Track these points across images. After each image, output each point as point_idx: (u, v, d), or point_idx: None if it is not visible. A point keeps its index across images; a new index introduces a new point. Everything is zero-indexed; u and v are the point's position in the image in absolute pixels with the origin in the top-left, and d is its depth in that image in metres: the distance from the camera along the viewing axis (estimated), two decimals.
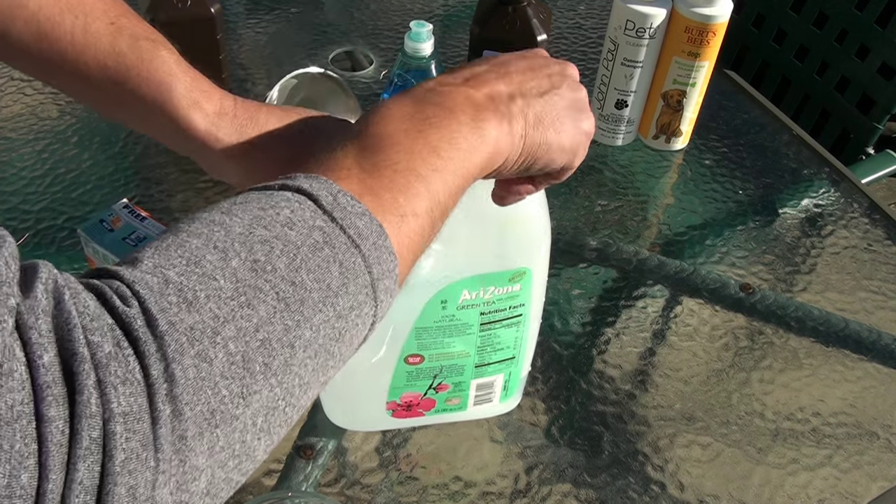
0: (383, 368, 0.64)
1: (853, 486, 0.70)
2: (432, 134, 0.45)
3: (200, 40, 0.87)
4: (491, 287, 0.61)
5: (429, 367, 0.65)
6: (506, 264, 0.61)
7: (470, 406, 0.70)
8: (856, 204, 0.97)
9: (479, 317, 0.63)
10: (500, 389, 0.70)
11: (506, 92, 0.50)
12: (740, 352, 0.80)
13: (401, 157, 0.44)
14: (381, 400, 0.67)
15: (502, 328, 0.64)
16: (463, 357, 0.65)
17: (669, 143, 1.00)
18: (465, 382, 0.67)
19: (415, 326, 0.62)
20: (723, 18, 0.89)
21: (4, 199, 0.87)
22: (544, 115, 0.51)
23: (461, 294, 0.60)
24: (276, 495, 0.59)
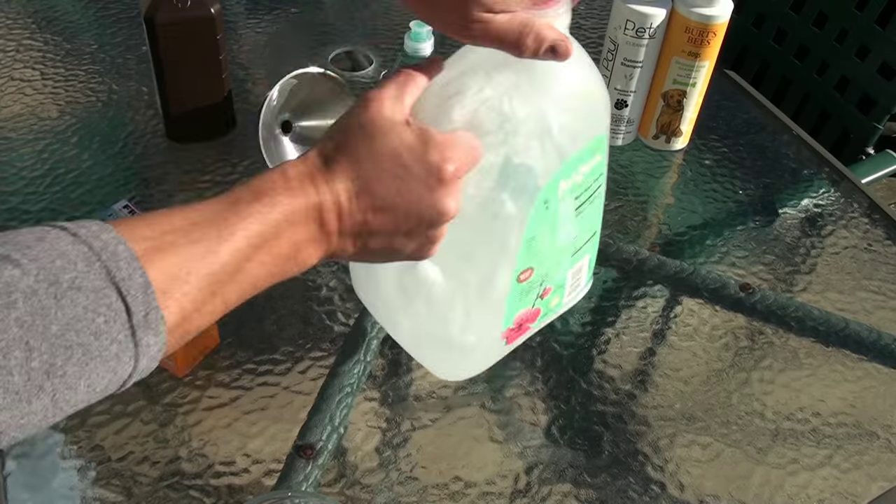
0: (497, 299, 0.62)
1: (853, 486, 0.70)
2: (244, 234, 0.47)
3: (200, 40, 0.87)
4: (581, 167, 0.59)
5: (537, 277, 0.62)
6: (587, 137, 0.59)
7: (565, 299, 0.68)
8: (856, 204, 0.97)
9: (573, 202, 0.60)
10: (587, 270, 0.68)
11: (360, 248, 0.52)
12: (740, 352, 0.80)
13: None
14: (498, 332, 0.65)
15: (589, 205, 0.62)
16: (563, 252, 0.63)
17: (669, 143, 1.00)
18: (563, 277, 0.65)
19: (524, 239, 0.59)
20: (723, 18, 0.89)
21: (4, 199, 0.87)
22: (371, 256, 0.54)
23: (559, 187, 0.58)
24: (276, 495, 0.59)
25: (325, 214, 0.50)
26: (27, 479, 0.65)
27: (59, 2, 1.16)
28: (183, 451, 0.68)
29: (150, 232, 0.44)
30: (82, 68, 1.05)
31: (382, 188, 0.50)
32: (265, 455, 0.68)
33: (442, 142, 0.51)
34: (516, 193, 0.57)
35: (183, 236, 0.45)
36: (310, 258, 0.51)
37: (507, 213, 0.57)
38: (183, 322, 0.45)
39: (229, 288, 0.47)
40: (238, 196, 0.48)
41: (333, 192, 0.50)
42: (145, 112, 0.99)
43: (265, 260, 0.48)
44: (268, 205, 0.48)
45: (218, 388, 0.72)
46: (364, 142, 0.50)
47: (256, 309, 0.78)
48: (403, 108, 0.52)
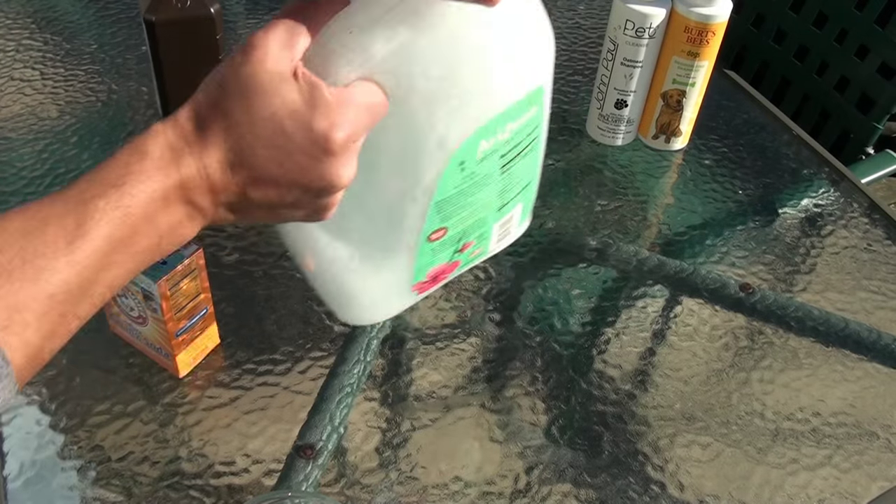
0: (404, 256, 0.56)
1: (853, 486, 0.70)
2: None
3: (200, 40, 0.87)
4: (508, 124, 0.51)
5: (453, 235, 0.57)
6: (520, 91, 0.50)
7: (491, 247, 0.62)
8: (856, 204, 0.97)
9: (499, 161, 0.53)
10: (518, 217, 0.62)
11: (240, 214, 0.46)
12: (740, 352, 0.80)
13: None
14: (406, 286, 0.60)
15: (520, 160, 0.55)
16: (485, 209, 0.56)
17: (669, 143, 1.00)
18: (487, 230, 0.59)
19: (433, 202, 0.52)
20: (722, 18, 0.89)
21: (4, 199, 0.87)
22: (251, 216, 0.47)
23: (479, 147, 0.50)
24: (276, 495, 0.59)
25: (192, 193, 0.43)
26: (27, 479, 0.65)
27: (59, 2, 1.16)
28: (183, 451, 0.68)
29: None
30: (82, 68, 1.05)
31: (261, 159, 0.44)
32: (265, 455, 0.68)
33: (332, 103, 0.43)
34: (423, 154, 0.49)
35: (17, 254, 0.39)
36: (181, 238, 0.45)
37: (411, 174, 0.50)
38: (32, 355, 0.40)
39: (81, 304, 0.41)
40: (83, 189, 0.41)
41: (202, 164, 0.43)
42: (145, 112, 0.99)
43: (121, 261, 0.42)
44: (114, 199, 0.41)
45: (218, 388, 0.72)
46: (241, 102, 0.43)
47: (256, 309, 0.78)
48: (293, 55, 0.44)
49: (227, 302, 0.78)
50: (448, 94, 0.47)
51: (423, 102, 0.47)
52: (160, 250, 0.44)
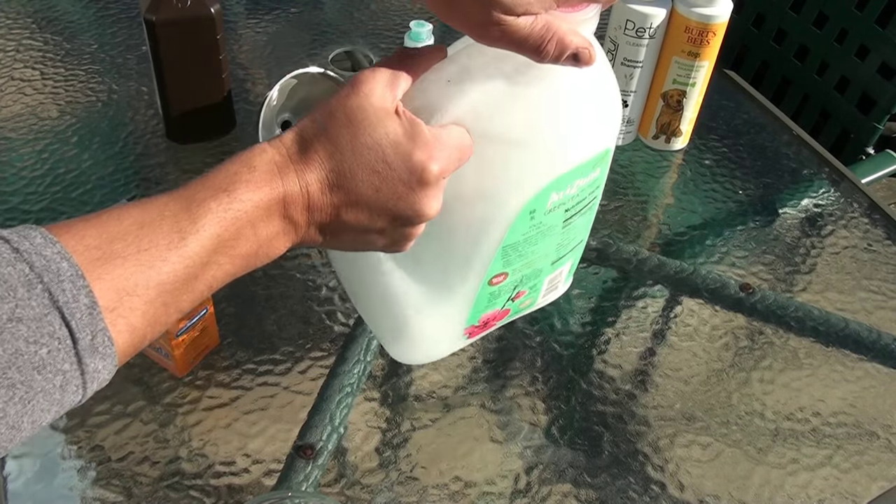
0: (464, 297, 0.59)
1: (853, 486, 0.70)
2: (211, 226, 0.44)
3: (200, 40, 0.87)
4: (578, 180, 0.55)
5: (511, 281, 0.60)
6: (590, 151, 0.54)
7: (539, 301, 0.66)
8: (856, 204, 0.97)
9: (563, 215, 0.57)
10: (566, 274, 0.66)
11: (332, 236, 0.49)
12: (740, 352, 0.80)
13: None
14: (459, 329, 0.62)
15: (579, 217, 0.59)
16: (543, 260, 0.60)
17: (669, 143, 1.00)
18: (540, 282, 0.63)
19: (502, 246, 0.55)
20: (723, 18, 0.89)
21: (4, 199, 0.87)
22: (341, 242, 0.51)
23: (549, 198, 0.54)
24: (276, 495, 0.59)
25: (292, 206, 0.47)
26: (27, 479, 0.65)
27: (59, 2, 1.16)
28: (183, 451, 0.68)
29: (97, 239, 0.41)
30: (82, 68, 1.05)
31: (360, 183, 0.47)
32: (265, 455, 0.68)
33: (430, 140, 0.48)
34: (500, 199, 0.54)
35: (132, 243, 0.42)
36: (274, 251, 0.48)
37: (486, 218, 0.55)
38: (133, 340, 0.42)
39: (183, 297, 0.44)
40: (194, 192, 0.45)
41: (304, 182, 0.47)
42: (145, 112, 0.99)
43: (222, 262, 0.45)
44: (224, 202, 0.44)
45: (218, 388, 0.72)
46: (347, 130, 0.47)
47: (256, 309, 0.78)
48: (395, 95, 0.49)
49: (227, 302, 0.78)
50: (529, 146, 0.52)
51: (506, 152, 0.52)
52: (256, 259, 0.47)
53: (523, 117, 0.52)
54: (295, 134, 0.48)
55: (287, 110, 0.89)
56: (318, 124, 0.48)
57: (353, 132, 0.47)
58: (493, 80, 0.50)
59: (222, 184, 0.45)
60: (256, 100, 1.02)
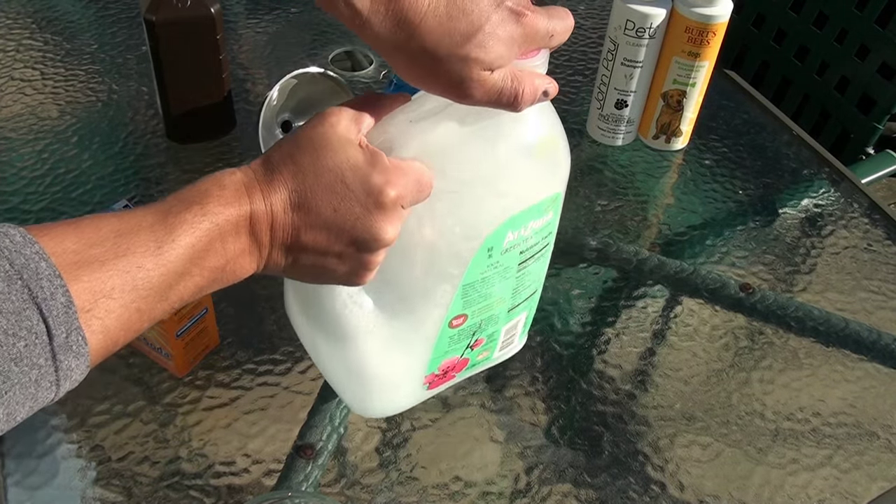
0: (425, 340, 0.60)
1: (853, 486, 0.70)
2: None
3: (200, 40, 0.87)
4: (531, 221, 0.57)
5: (470, 325, 0.61)
6: (542, 193, 0.58)
7: (496, 354, 0.67)
8: (856, 204, 0.97)
9: (518, 256, 0.59)
10: (521, 328, 0.68)
11: (293, 260, 0.51)
12: (740, 352, 0.80)
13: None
14: (420, 376, 0.63)
15: (534, 263, 0.61)
16: (500, 304, 0.62)
17: (669, 143, 1.00)
18: (497, 331, 0.64)
19: (462, 284, 0.57)
20: (723, 18, 0.89)
21: (4, 199, 0.87)
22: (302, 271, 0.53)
23: (506, 237, 0.56)
24: (276, 495, 0.59)
25: (257, 225, 0.49)
26: (27, 479, 0.65)
27: (59, 2, 1.16)
28: (183, 451, 0.68)
29: (76, 244, 0.43)
30: (82, 68, 1.05)
31: (319, 203, 0.49)
32: (265, 455, 0.68)
33: (389, 167, 0.50)
34: (461, 235, 0.56)
35: (110, 249, 0.43)
36: (241, 270, 0.50)
37: (448, 254, 0.56)
38: (107, 342, 0.43)
39: (157, 305, 0.46)
40: (169, 206, 0.47)
41: (269, 202, 0.49)
42: (145, 112, 0.99)
43: (194, 272, 0.47)
44: (198, 214, 0.47)
45: (218, 388, 0.72)
46: (310, 155, 0.50)
47: (256, 309, 0.78)
48: (359, 129, 0.52)
49: (227, 302, 0.78)
50: (485, 185, 0.55)
51: (466, 189, 0.54)
52: (223, 274, 0.49)
53: (480, 158, 0.54)
54: (262, 159, 0.51)
55: (287, 110, 0.89)
56: (283, 151, 0.51)
57: (316, 156, 0.50)
58: (452, 121, 0.53)
59: (195, 198, 0.47)
60: (256, 100, 1.02)
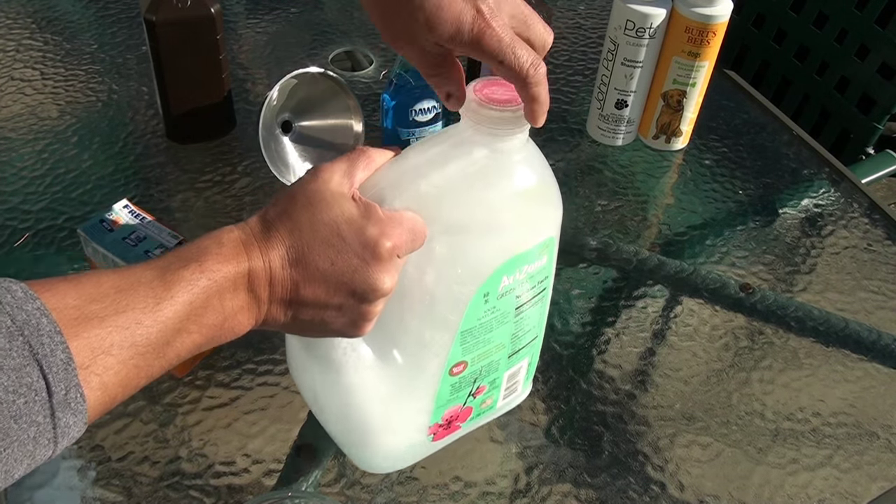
0: (426, 389, 0.61)
1: (853, 486, 0.70)
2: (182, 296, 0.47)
3: (200, 40, 0.87)
4: (525, 266, 0.58)
5: (470, 372, 0.62)
6: (537, 237, 0.58)
7: (500, 402, 0.68)
8: (856, 204, 0.97)
9: (514, 301, 0.60)
10: (524, 375, 0.68)
11: (292, 317, 0.52)
12: (740, 352, 0.80)
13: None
14: (424, 426, 0.64)
15: (531, 307, 0.62)
16: (500, 350, 0.62)
17: (669, 143, 1.00)
18: (499, 378, 0.65)
19: (460, 330, 0.58)
20: (723, 18, 0.89)
21: (4, 199, 0.87)
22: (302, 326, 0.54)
23: (501, 282, 0.57)
24: (276, 495, 0.59)
25: (256, 282, 0.49)
26: (27, 479, 0.65)
27: (59, 2, 1.16)
28: (183, 451, 0.68)
29: (76, 299, 0.43)
30: (82, 68, 1.05)
31: (317, 257, 0.50)
32: (265, 455, 0.68)
33: (384, 218, 0.51)
34: (456, 281, 0.56)
35: (110, 305, 0.44)
36: (239, 326, 0.50)
37: (444, 302, 0.57)
38: (105, 399, 0.44)
39: (154, 362, 0.46)
40: (168, 263, 0.48)
41: (267, 258, 0.49)
42: (145, 112, 0.99)
43: (192, 329, 0.47)
44: (196, 272, 0.47)
45: (218, 388, 0.72)
46: (306, 211, 0.51)
47: None
48: (352, 182, 0.53)
49: None
50: (480, 232, 0.56)
51: (459, 235, 0.55)
52: (221, 332, 0.50)
53: (472, 204, 0.55)
54: (259, 217, 0.52)
55: (287, 110, 0.89)
56: (279, 207, 0.51)
57: (312, 212, 0.51)
58: (443, 169, 0.55)
59: (194, 256, 0.48)
60: (256, 100, 1.02)
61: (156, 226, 0.70)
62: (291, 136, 0.91)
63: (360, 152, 0.55)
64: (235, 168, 0.93)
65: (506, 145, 0.54)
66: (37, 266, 0.81)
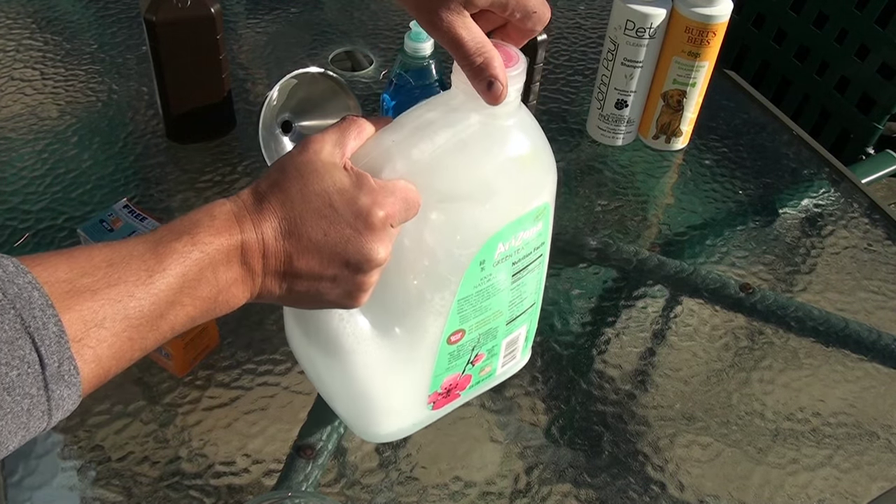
0: (424, 358, 0.61)
1: (853, 486, 0.70)
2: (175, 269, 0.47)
3: (200, 40, 0.87)
4: (520, 232, 0.58)
5: (468, 340, 0.62)
6: (529, 204, 0.58)
7: (499, 369, 0.68)
8: (856, 204, 0.97)
9: (511, 268, 0.60)
10: (523, 342, 0.68)
11: (287, 289, 0.52)
12: (740, 352, 0.80)
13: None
14: (423, 395, 0.64)
15: (528, 274, 0.62)
16: (497, 317, 0.62)
17: (669, 143, 1.00)
18: (497, 345, 0.65)
19: (456, 299, 0.58)
20: (723, 18, 0.89)
21: (4, 199, 0.87)
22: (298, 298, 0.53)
23: (496, 249, 0.57)
24: (276, 495, 0.59)
25: (249, 254, 0.49)
26: (27, 479, 0.65)
27: (59, 2, 1.16)
28: (183, 451, 0.68)
29: (68, 273, 0.43)
30: (82, 68, 1.05)
31: (309, 228, 0.50)
32: (265, 455, 0.68)
33: (376, 187, 0.51)
34: (452, 250, 0.56)
35: (102, 278, 0.44)
36: (234, 299, 0.50)
37: (440, 270, 0.57)
38: (99, 371, 0.44)
39: (148, 335, 0.46)
40: (160, 236, 0.47)
41: (259, 231, 0.49)
42: (145, 112, 0.99)
43: (185, 302, 0.47)
44: (188, 244, 0.47)
45: (218, 388, 0.72)
46: (297, 182, 0.50)
47: (256, 309, 0.78)
48: (343, 153, 0.52)
49: None
50: (472, 200, 0.56)
51: (451, 205, 0.55)
52: (215, 304, 0.49)
53: (465, 172, 0.55)
54: (251, 190, 0.51)
55: (287, 110, 0.89)
56: (271, 180, 0.51)
57: (303, 183, 0.50)
58: (435, 138, 0.54)
59: (186, 229, 0.48)
60: (256, 100, 1.02)
61: (156, 226, 0.70)
62: (291, 137, 0.91)
63: (350, 121, 0.54)
64: (235, 168, 0.93)
65: (497, 110, 0.54)
66: None
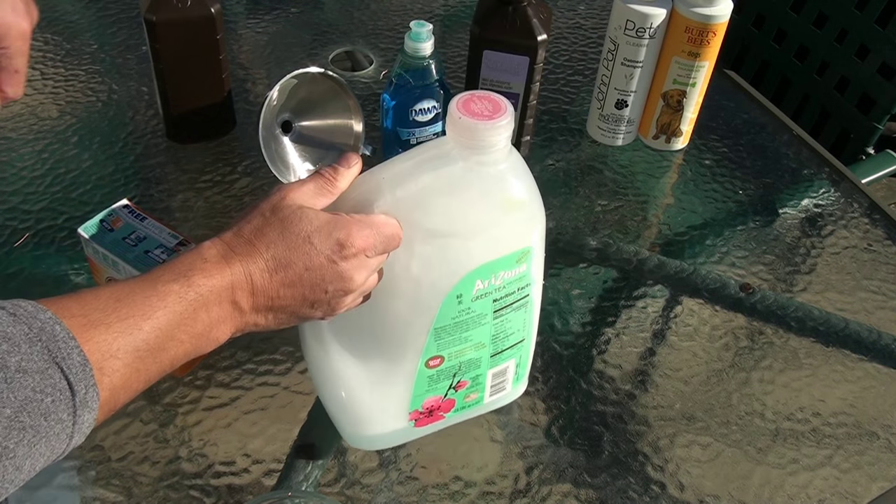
0: (404, 378, 0.64)
1: (853, 486, 0.70)
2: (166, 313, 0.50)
3: (200, 40, 0.87)
4: (501, 272, 0.61)
5: (448, 367, 0.65)
6: (511, 246, 0.61)
7: (486, 398, 0.70)
8: (856, 204, 0.97)
9: (492, 304, 0.62)
10: (513, 375, 0.70)
11: (272, 319, 0.57)
12: (740, 352, 0.80)
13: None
14: (403, 412, 0.66)
15: (512, 312, 0.64)
16: (479, 349, 0.65)
17: (669, 143, 1.00)
18: (482, 375, 0.67)
19: (433, 327, 0.62)
20: (723, 18, 0.89)
21: (4, 199, 0.87)
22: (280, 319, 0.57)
23: (475, 285, 0.60)
24: (276, 495, 0.59)
25: (238, 293, 0.53)
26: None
27: (59, 2, 1.16)
28: (183, 451, 0.68)
29: (81, 309, 0.47)
30: (82, 68, 1.05)
31: (293, 265, 0.55)
32: (265, 455, 0.68)
33: (350, 221, 0.56)
34: (434, 281, 0.60)
35: (112, 313, 0.48)
36: (221, 335, 0.54)
37: (421, 298, 0.60)
38: (111, 399, 0.47)
39: (151, 367, 0.50)
40: (159, 276, 0.52)
41: (247, 271, 0.53)
42: (145, 112, 0.99)
43: (182, 338, 0.51)
44: (185, 285, 0.51)
45: (218, 388, 0.72)
46: (278, 226, 0.55)
47: None
48: (318, 203, 0.58)
49: None
50: (456, 237, 0.59)
51: (433, 241, 0.59)
52: (207, 341, 0.53)
53: (449, 210, 0.58)
54: (234, 233, 0.55)
55: (287, 110, 0.89)
56: (253, 224, 0.56)
57: (283, 226, 0.55)
58: (422, 179, 0.58)
59: (182, 270, 0.52)
60: (256, 100, 1.02)
61: (156, 226, 0.70)
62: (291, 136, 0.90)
63: (331, 171, 0.59)
64: (235, 168, 0.93)
65: (484, 157, 0.57)
66: (37, 266, 0.81)
